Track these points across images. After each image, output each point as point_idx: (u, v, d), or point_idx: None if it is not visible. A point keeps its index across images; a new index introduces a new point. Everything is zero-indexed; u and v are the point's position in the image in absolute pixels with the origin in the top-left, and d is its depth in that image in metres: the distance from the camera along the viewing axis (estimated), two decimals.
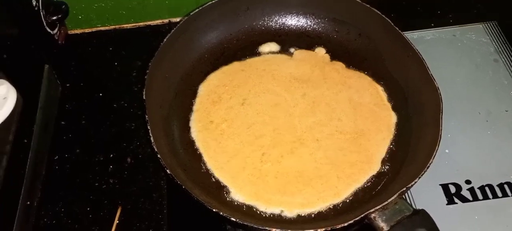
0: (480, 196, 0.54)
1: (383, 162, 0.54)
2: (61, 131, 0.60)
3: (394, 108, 0.58)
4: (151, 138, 0.50)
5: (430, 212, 0.52)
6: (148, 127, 0.50)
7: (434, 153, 0.48)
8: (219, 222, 0.52)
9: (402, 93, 0.58)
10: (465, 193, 0.54)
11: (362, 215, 0.45)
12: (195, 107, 0.59)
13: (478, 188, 0.54)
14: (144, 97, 0.52)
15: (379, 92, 0.60)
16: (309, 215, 0.51)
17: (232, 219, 0.45)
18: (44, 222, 0.53)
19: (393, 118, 0.58)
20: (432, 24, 0.70)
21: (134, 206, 0.54)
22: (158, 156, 0.49)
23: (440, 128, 0.50)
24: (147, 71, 0.55)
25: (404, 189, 0.46)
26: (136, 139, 0.60)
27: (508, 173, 0.55)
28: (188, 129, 0.57)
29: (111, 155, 0.58)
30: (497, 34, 0.69)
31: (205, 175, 0.54)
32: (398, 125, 0.57)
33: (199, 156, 0.55)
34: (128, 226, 0.53)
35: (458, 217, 0.52)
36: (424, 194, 0.54)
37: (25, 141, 0.52)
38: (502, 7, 0.73)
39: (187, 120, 0.58)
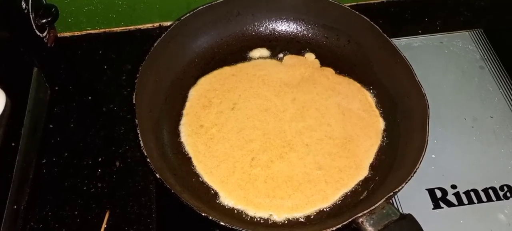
0: (465, 201, 0.54)
1: (371, 167, 0.55)
2: (49, 134, 0.60)
3: (383, 114, 0.59)
4: (141, 142, 0.49)
5: (416, 217, 0.53)
6: (138, 131, 0.50)
7: (421, 158, 0.49)
8: (208, 227, 0.52)
9: (391, 99, 0.59)
10: (451, 197, 0.55)
11: (350, 220, 0.46)
12: (185, 112, 0.59)
13: (464, 192, 0.55)
14: (134, 102, 0.52)
15: (368, 98, 0.60)
16: (298, 219, 0.51)
17: (221, 223, 0.46)
18: (31, 226, 0.52)
19: (381, 124, 0.58)
20: (420, 31, 0.71)
21: (122, 210, 0.54)
22: (148, 160, 0.49)
23: (427, 133, 0.51)
24: (137, 75, 0.55)
25: (391, 193, 0.47)
26: (125, 142, 0.60)
27: (493, 178, 0.56)
28: (178, 133, 0.57)
29: (100, 159, 0.58)
30: (483, 42, 0.70)
31: (194, 179, 0.54)
32: (387, 131, 0.58)
33: (189, 160, 0.55)
34: (116, 230, 0.53)
35: (444, 221, 0.53)
36: (411, 198, 0.54)
37: (13, 144, 0.52)
38: (488, 16, 0.74)
39: (177, 124, 0.58)
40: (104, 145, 0.59)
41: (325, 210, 0.52)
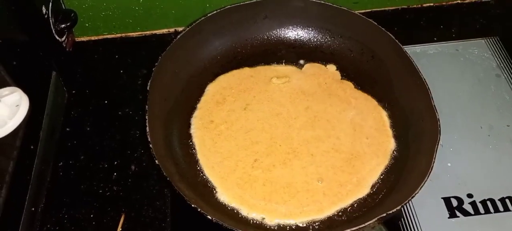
0: (481, 210, 0.54)
1: (373, 186, 0.54)
2: (66, 138, 0.61)
3: (395, 135, 0.58)
4: (147, 128, 0.50)
5: (432, 225, 0.53)
6: (146, 117, 0.51)
7: (422, 184, 0.47)
8: None
9: (406, 121, 0.57)
10: (467, 206, 0.54)
11: None
12: (199, 105, 0.60)
13: (480, 202, 0.54)
14: (148, 88, 0.53)
15: (383, 117, 0.59)
16: (289, 226, 0.51)
17: (208, 217, 0.45)
18: (47, 228, 0.53)
19: (391, 144, 0.57)
20: (435, 39, 0.71)
21: (137, 213, 0.55)
22: (150, 145, 0.49)
23: (433, 159, 0.49)
24: (156, 63, 0.55)
25: (384, 215, 0.46)
26: (141, 146, 0.60)
27: (510, 187, 0.55)
28: (189, 125, 0.58)
29: (115, 162, 0.59)
30: (499, 50, 0.69)
31: (196, 172, 0.54)
32: (396, 152, 0.56)
33: (194, 153, 0.56)
34: None
35: (459, 230, 0.52)
36: (426, 207, 0.54)
37: (32, 147, 0.53)
38: (504, 23, 0.74)
39: (189, 117, 0.59)
40: (119, 148, 0.60)
41: (318, 221, 0.51)
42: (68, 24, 0.61)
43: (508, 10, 0.75)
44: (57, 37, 0.61)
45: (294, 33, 0.66)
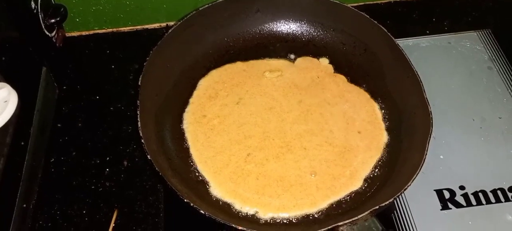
0: (473, 202, 0.54)
1: (366, 179, 0.54)
2: (57, 134, 0.60)
3: (388, 128, 0.58)
4: (139, 123, 0.50)
5: (424, 218, 0.53)
6: (138, 112, 0.50)
7: (414, 177, 0.47)
8: (216, 227, 0.52)
9: (398, 114, 0.58)
10: (459, 198, 0.55)
11: (330, 227, 0.46)
12: (191, 100, 0.59)
13: (472, 193, 0.55)
14: (139, 83, 0.52)
15: (376, 110, 0.59)
16: (282, 220, 0.51)
17: (202, 211, 0.45)
18: (40, 224, 0.53)
19: (384, 137, 0.57)
20: (427, 32, 0.71)
21: (130, 209, 0.54)
22: (142, 141, 0.49)
23: (425, 153, 0.49)
24: (147, 58, 0.55)
25: (376, 207, 0.46)
26: (133, 141, 0.60)
27: (501, 179, 0.56)
28: (181, 120, 0.58)
29: (108, 158, 0.58)
30: (491, 42, 0.70)
31: (188, 167, 0.54)
32: (389, 146, 0.56)
33: (186, 148, 0.56)
34: (124, 229, 0.53)
35: (452, 222, 0.53)
36: (419, 199, 0.54)
37: (22, 143, 0.52)
38: (496, 16, 0.74)
39: (181, 111, 0.58)
40: (111, 144, 0.60)
41: (311, 215, 0.51)
42: (58, 19, 0.61)
43: (499, 3, 0.75)
44: (47, 33, 0.60)
45: (286, 27, 0.66)
